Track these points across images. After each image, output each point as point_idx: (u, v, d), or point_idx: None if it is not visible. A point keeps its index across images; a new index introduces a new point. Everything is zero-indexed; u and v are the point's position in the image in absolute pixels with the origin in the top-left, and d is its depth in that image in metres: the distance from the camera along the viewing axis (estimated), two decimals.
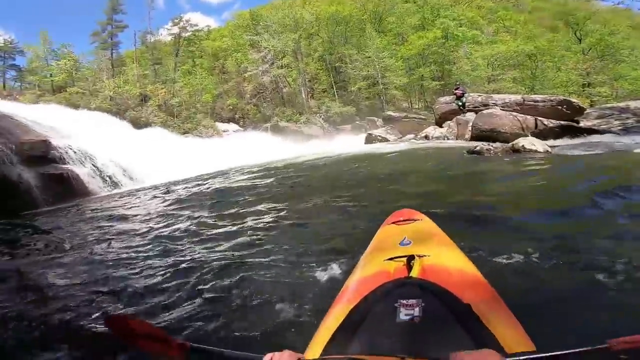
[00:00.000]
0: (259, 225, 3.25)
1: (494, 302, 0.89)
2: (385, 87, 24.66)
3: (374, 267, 1.11)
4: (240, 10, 38.78)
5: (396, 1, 33.66)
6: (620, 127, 9.57)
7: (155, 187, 7.44)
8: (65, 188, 7.19)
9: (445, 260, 1.10)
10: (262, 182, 6.03)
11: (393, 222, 1.47)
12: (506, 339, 0.73)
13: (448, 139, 11.53)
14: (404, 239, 1.25)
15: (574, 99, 11.89)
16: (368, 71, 24.85)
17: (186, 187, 6.63)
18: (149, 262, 2.61)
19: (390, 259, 1.10)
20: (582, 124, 10.09)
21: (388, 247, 1.24)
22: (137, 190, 7.45)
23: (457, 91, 12.56)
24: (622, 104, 11.69)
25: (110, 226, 4.01)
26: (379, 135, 14.50)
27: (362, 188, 4.56)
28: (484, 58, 24.89)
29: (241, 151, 13.22)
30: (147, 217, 4.30)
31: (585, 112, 11.39)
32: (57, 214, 5.47)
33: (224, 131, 23.83)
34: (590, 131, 9.14)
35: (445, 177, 4.78)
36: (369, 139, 14.58)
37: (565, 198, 3.23)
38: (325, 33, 27.95)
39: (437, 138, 11.84)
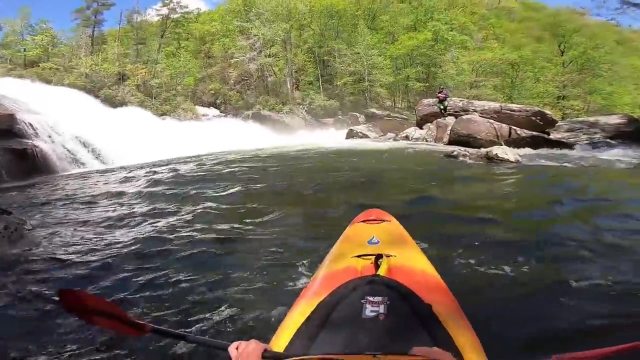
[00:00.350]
0: (232, 215, 3.24)
1: (452, 305, 0.94)
2: (370, 84, 24.77)
3: (342, 263, 1.13)
4: None
5: (391, 0, 33.71)
6: (587, 142, 10.02)
7: (127, 169, 7.21)
8: (30, 164, 6.83)
9: (410, 261, 1.15)
10: (240, 171, 5.97)
11: (362, 221, 1.50)
12: (461, 341, 0.78)
13: (427, 140, 11.78)
14: (373, 237, 1.28)
15: (547, 111, 12.32)
16: (355, 67, 24.81)
17: (160, 171, 6.46)
18: (112, 246, 2.55)
19: (359, 256, 1.13)
20: (552, 136, 10.54)
21: (357, 244, 1.26)
22: (107, 171, 7.19)
23: (440, 94, 12.75)
24: (592, 119, 12.05)
25: (74, 207, 3.86)
26: (361, 132, 14.61)
27: (339, 184, 4.62)
28: (469, 63, 25.32)
29: (221, 136, 12.97)
30: (114, 200, 4.16)
31: (556, 124, 11.86)
32: (20, 191, 5.20)
33: (204, 115, 23.31)
34: (559, 143, 9.57)
35: (421, 179, 4.91)
36: (350, 135, 14.68)
37: (526, 207, 3.41)
38: (317, 25, 27.52)
39: (417, 139, 12.08)
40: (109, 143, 9.05)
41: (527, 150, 8.36)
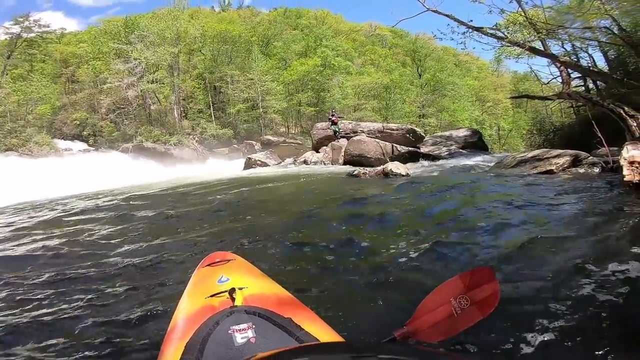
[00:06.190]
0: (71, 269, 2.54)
1: (307, 314, 1.06)
2: (264, 111, 24.91)
3: (197, 305, 1.11)
4: (115, 16, 33.43)
5: (284, 27, 35.25)
6: (447, 153, 11.93)
7: None
8: None
9: (263, 289, 1.21)
10: (97, 216, 4.83)
11: (207, 265, 1.46)
12: (323, 338, 0.91)
13: (325, 163, 12.23)
14: (222, 277, 1.26)
15: (417, 128, 14.36)
16: (249, 93, 24.70)
17: None
18: None
19: (212, 295, 1.12)
20: (422, 150, 12.22)
21: (207, 286, 1.23)
22: None
23: (333, 117, 13.52)
24: (447, 133, 14.35)
25: None
26: (259, 160, 14.21)
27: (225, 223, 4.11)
28: (352, 88, 27.77)
29: (89, 174, 10.92)
30: None
31: (424, 139, 13.85)
32: None
33: (66, 150, 19.77)
34: (428, 156, 11.11)
35: (335, 198, 4.87)
36: (249, 164, 14.10)
37: (409, 210, 3.61)
38: (210, 50, 26.51)
39: (315, 163, 12.41)
40: None
41: (410, 164, 9.43)
